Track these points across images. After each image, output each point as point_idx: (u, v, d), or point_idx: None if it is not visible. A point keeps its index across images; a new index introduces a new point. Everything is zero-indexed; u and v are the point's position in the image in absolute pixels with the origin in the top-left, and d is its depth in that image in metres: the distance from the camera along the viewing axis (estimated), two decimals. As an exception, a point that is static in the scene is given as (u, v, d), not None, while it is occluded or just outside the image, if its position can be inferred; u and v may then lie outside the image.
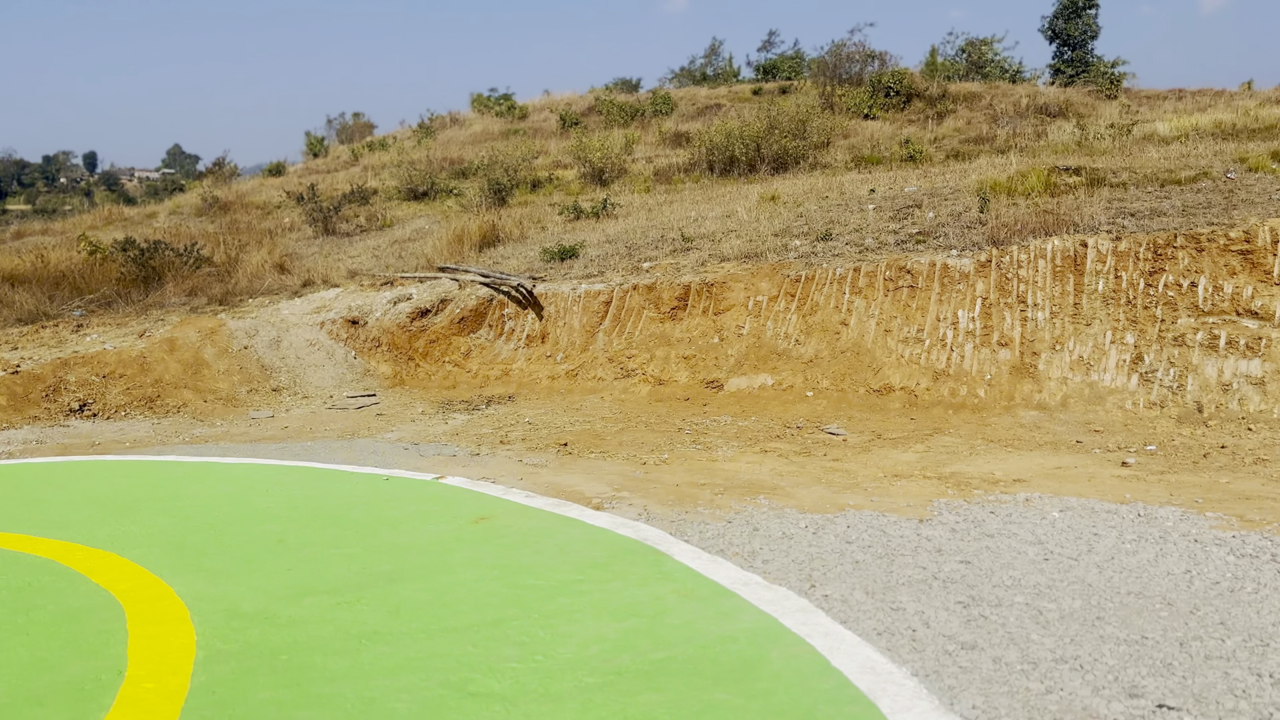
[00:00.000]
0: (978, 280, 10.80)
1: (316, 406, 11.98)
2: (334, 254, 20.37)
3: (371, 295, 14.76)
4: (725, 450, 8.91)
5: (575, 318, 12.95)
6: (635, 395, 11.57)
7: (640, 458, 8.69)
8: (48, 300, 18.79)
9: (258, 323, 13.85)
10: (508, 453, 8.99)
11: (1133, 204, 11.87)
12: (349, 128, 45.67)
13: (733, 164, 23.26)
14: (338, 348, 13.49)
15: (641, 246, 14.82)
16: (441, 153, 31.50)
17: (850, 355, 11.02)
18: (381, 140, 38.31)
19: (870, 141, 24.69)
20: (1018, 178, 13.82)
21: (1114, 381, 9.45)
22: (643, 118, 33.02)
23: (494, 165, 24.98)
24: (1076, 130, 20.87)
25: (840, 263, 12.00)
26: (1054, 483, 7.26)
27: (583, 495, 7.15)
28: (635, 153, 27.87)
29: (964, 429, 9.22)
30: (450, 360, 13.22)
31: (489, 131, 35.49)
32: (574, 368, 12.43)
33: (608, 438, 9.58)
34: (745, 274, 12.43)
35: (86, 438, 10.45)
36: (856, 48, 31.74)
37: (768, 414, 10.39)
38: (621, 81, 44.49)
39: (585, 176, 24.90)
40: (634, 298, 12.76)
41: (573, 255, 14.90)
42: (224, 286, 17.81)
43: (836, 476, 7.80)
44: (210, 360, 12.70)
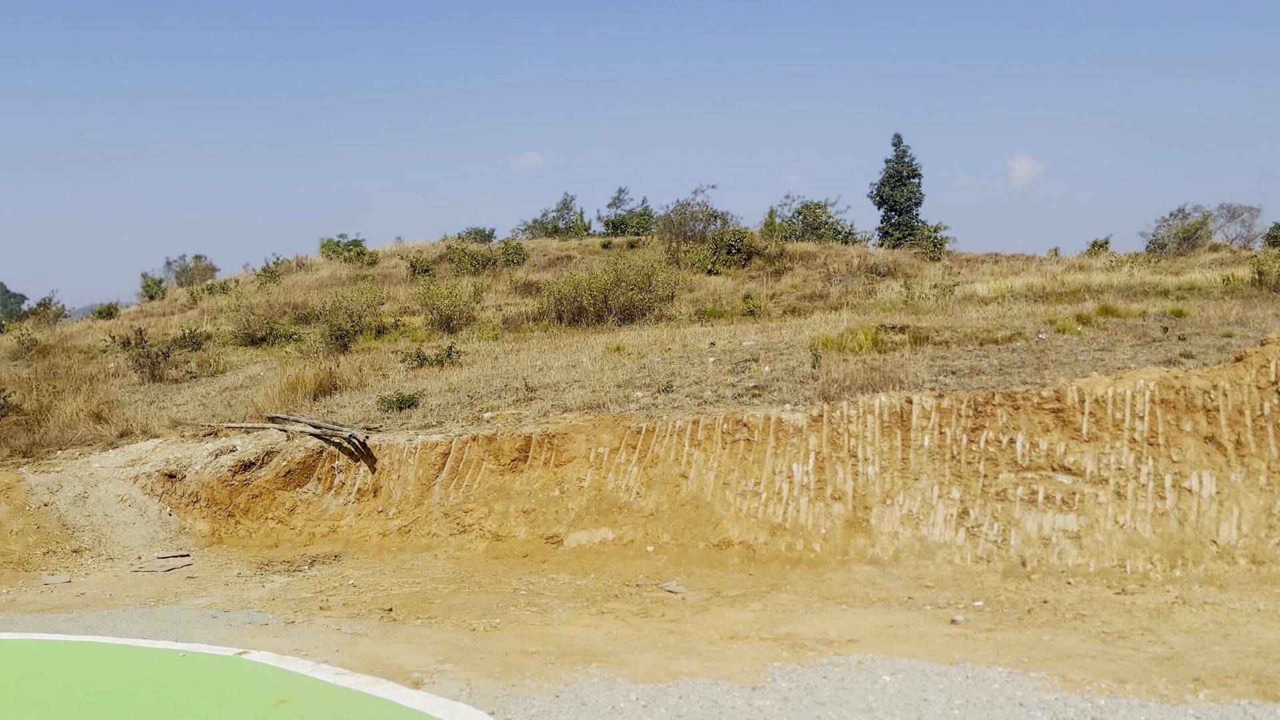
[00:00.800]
0: (811, 435, 10.99)
1: (122, 569, 11.03)
2: (159, 402, 19.30)
3: (193, 447, 13.93)
4: (561, 612, 8.57)
5: (411, 470, 12.50)
6: (471, 552, 11.12)
7: (470, 623, 8.25)
8: None
9: (63, 477, 12.82)
10: (326, 620, 8.39)
11: (954, 362, 12.45)
12: (189, 270, 44.32)
13: (581, 314, 23.53)
14: (151, 504, 12.57)
15: (484, 396, 14.59)
16: (285, 297, 30.79)
17: (690, 508, 10.94)
18: (223, 283, 37.25)
19: (713, 296, 25.48)
20: (848, 335, 14.38)
21: (943, 536, 9.64)
22: (494, 267, 33.29)
23: (338, 310, 24.50)
24: (903, 289, 22.09)
25: (680, 415, 12.06)
26: (886, 642, 7.22)
27: (401, 669, 6.67)
28: (485, 301, 27.92)
29: (800, 585, 9.18)
30: (274, 517, 12.48)
31: (337, 277, 35.02)
32: (407, 523, 11.91)
33: (437, 601, 9.10)
34: (588, 425, 12.32)
35: None
36: (700, 207, 33.14)
37: (608, 570, 10.12)
38: (474, 231, 45.00)
39: (432, 324, 24.69)
40: (473, 449, 12.44)
41: (412, 404, 14.52)
42: (31, 437, 16.53)
43: (672, 640, 7.56)
44: (3, 519, 11.60)
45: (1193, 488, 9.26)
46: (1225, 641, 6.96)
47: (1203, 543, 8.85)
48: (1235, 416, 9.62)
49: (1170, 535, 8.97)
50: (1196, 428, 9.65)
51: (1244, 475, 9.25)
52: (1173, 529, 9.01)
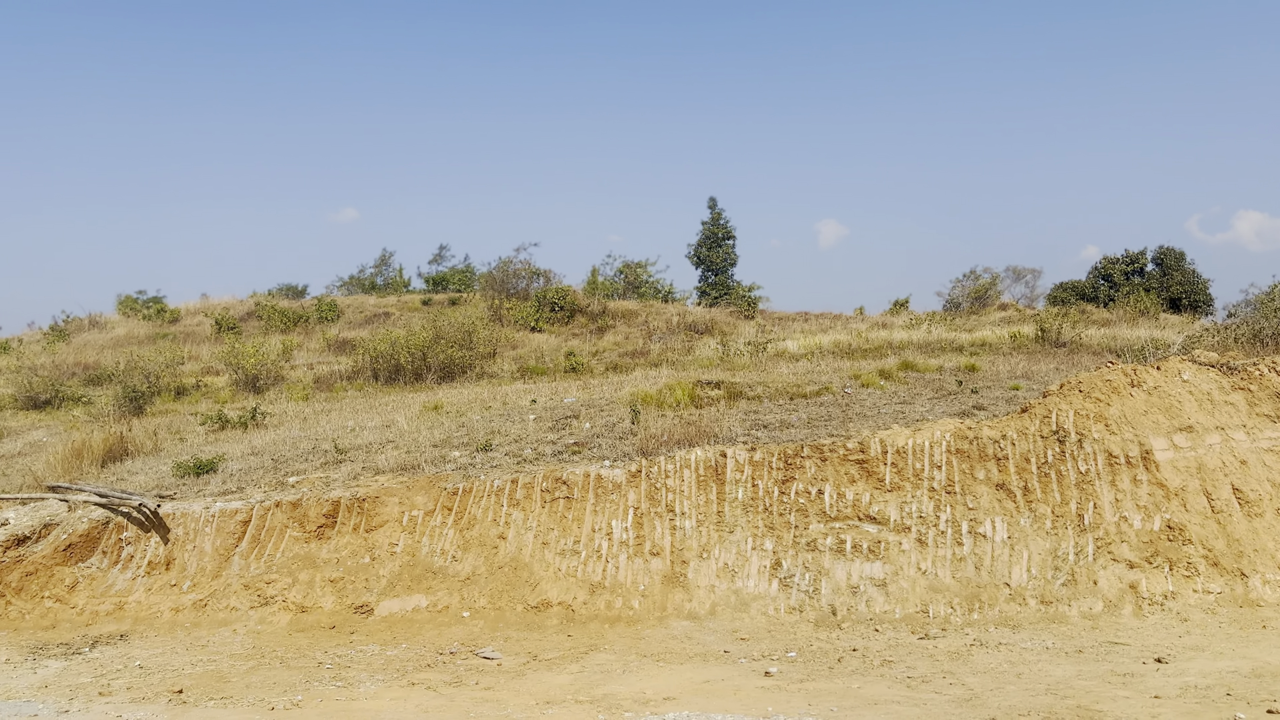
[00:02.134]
0: (630, 490, 10.99)
1: None
2: (-80, 472, 17.46)
3: (-42, 521, 12.61)
4: (369, 685, 8.15)
5: (207, 540, 11.71)
6: (274, 626, 10.47)
7: (269, 701, 7.72)
8: None
9: None
10: (106, 706, 7.68)
11: (766, 415, 12.78)
12: (-37, 328, 40.66)
13: (399, 372, 22.96)
14: (-96, 587, 11.26)
15: (290, 459, 13.92)
16: (75, 357, 28.71)
17: (508, 570, 10.69)
18: (4, 343, 34.38)
19: (536, 353, 25.41)
20: (666, 390, 14.56)
21: (757, 587, 9.78)
22: (307, 324, 32.13)
23: (133, 371, 22.98)
24: (720, 346, 22.66)
25: (499, 474, 11.84)
26: (702, 699, 7.20)
27: (187, 758, 6.14)
28: (296, 359, 26.87)
29: (619, 644, 9.08)
30: (51, 595, 11.40)
31: (134, 335, 32.99)
32: (203, 597, 11.12)
33: (233, 679, 8.49)
34: (401, 487, 11.91)
35: None
36: (523, 264, 33.17)
37: (421, 639, 9.73)
38: (286, 287, 43.41)
39: (238, 384, 23.50)
40: (277, 515, 11.79)
41: (211, 470, 13.68)
42: None
43: (487, 709, 7.30)
44: None
45: (986, 533, 9.76)
46: (1018, 680, 7.30)
47: (997, 585, 9.32)
48: (1022, 464, 10.24)
49: (968, 580, 9.40)
50: (989, 475, 10.21)
51: (1031, 520, 9.83)
52: (970, 573, 9.45)
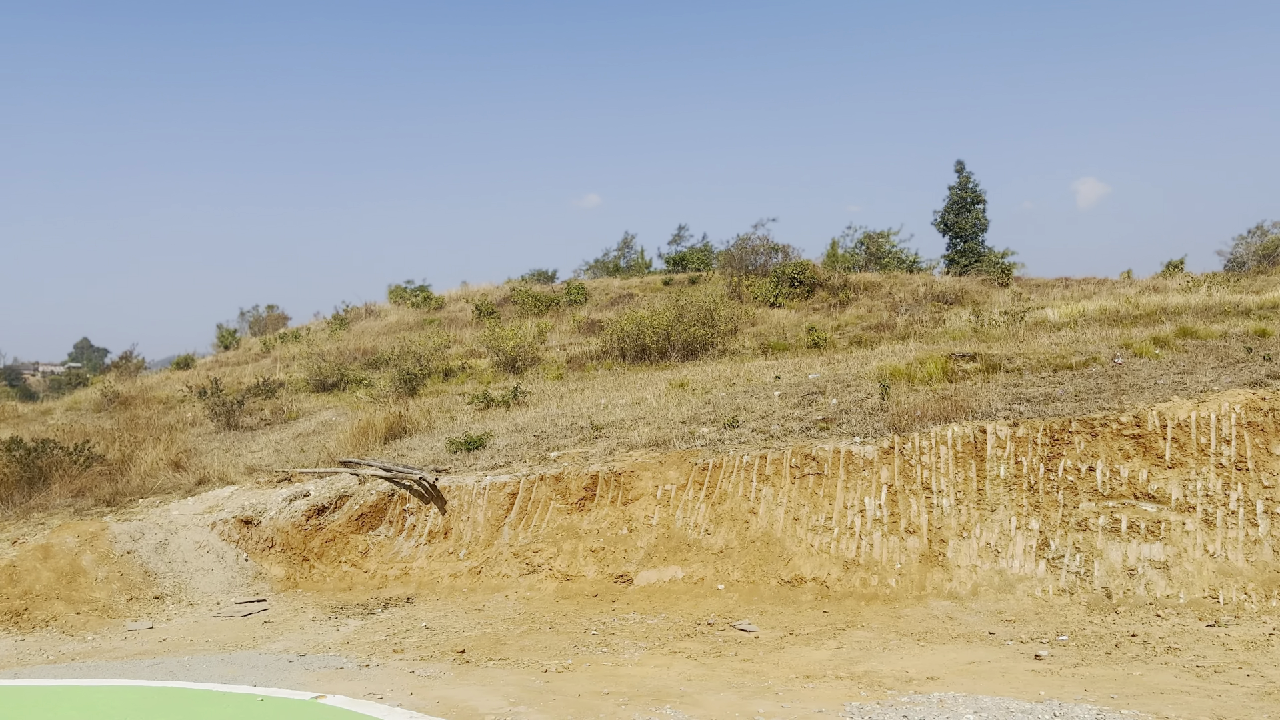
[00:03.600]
0: (882, 467, 10.81)
1: (201, 615, 11.23)
2: (235, 449, 19.73)
3: (268, 493, 14.19)
4: (633, 653, 8.49)
5: (480, 511, 12.56)
6: (541, 592, 11.11)
7: (542, 664, 8.21)
8: (-80, 504, 17.65)
9: (144, 525, 13.13)
10: (400, 663, 8.43)
11: (1028, 389, 12.18)
12: (262, 320, 45.41)
13: (644, 351, 23.56)
14: (229, 549, 12.80)
15: (550, 435, 14.64)
16: (354, 344, 31.37)
17: (760, 545, 10.80)
18: (295, 332, 38.09)
19: (776, 329, 25.34)
20: (917, 364, 14.15)
21: (1022, 568, 9.38)
22: (557, 307, 33.55)
23: (406, 355, 24.87)
24: (972, 317, 21.72)
25: (747, 450, 11.96)
26: (968, 680, 7.01)
27: (475, 712, 6.65)
28: (549, 341, 28.13)
29: (876, 622, 8.98)
30: (347, 560, 12.62)
31: (404, 322, 35.62)
32: (477, 564, 11.95)
33: (509, 642, 9.09)
34: (654, 462, 12.28)
35: (-64, 660, 9.54)
36: (760, 240, 33.08)
37: (678, 609, 10.02)
38: (537, 273, 45.46)
39: (498, 365, 24.92)
40: (541, 489, 12.47)
41: (480, 446, 14.63)
42: (114, 486, 16.99)
43: (747, 679, 7.44)
44: (88, 567, 11.90)
45: (1286, 513, 8.89)
46: (1330, 675, 6.64)
47: (1300, 571, 8.48)
48: (1328, 438, 9.24)
49: (1264, 564, 8.61)
50: (1287, 451, 9.28)
51: (1341, 499, 8.86)
52: (1266, 557, 8.64)
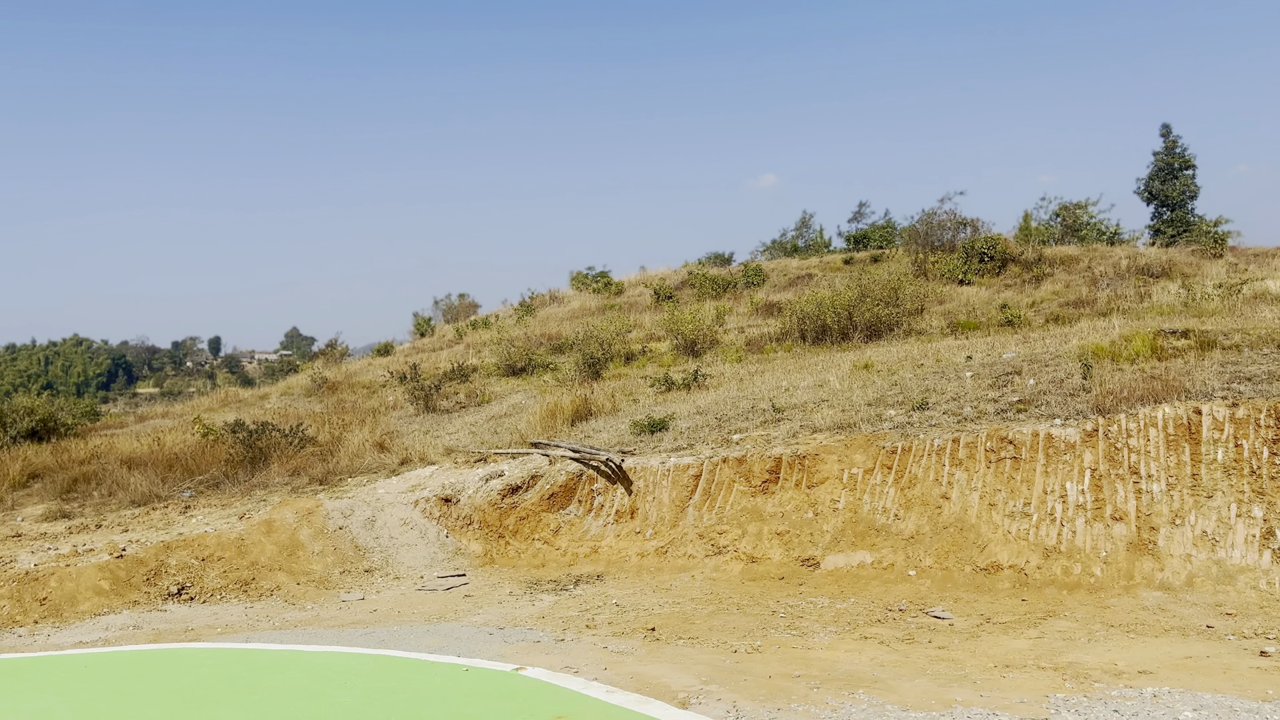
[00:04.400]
0: (1085, 451, 10.28)
1: (407, 588, 11.89)
2: (433, 431, 20.74)
3: (465, 472, 14.85)
4: (822, 636, 8.43)
5: (665, 492, 12.74)
6: (727, 574, 11.17)
7: (731, 644, 8.27)
8: (160, 482, 19.45)
9: (354, 502, 14.00)
10: (593, 638, 8.67)
11: (1248, 367, 11.29)
12: (454, 307, 47.48)
13: (825, 332, 23.23)
14: (430, 526, 13.49)
15: (732, 418, 14.67)
16: (540, 329, 32.33)
17: (953, 531, 10.49)
18: (484, 319, 39.62)
19: (966, 307, 24.45)
20: (1121, 342, 13.36)
21: (1244, 559, 8.73)
22: (735, 290, 33.50)
23: (589, 340, 25.45)
24: (1182, 291, 20.30)
25: (938, 433, 11.62)
26: (1185, 675, 6.60)
27: (668, 689, 6.77)
28: (727, 323, 28.14)
29: (1080, 612, 8.57)
30: (539, 538, 13.07)
31: (586, 307, 36.42)
32: (663, 544, 12.13)
33: (697, 621, 9.19)
34: (839, 445, 12.12)
35: (181, 623, 10.51)
36: (948, 215, 31.95)
37: (867, 594, 9.88)
38: (714, 255, 45.54)
39: (677, 348, 25.13)
40: (724, 470, 12.52)
41: (663, 428, 14.82)
42: (325, 466, 18.19)
43: (942, 667, 7.25)
44: (306, 541, 12.80)
45: None
46: None
47: None
48: None
49: None
50: None
51: None
52: None
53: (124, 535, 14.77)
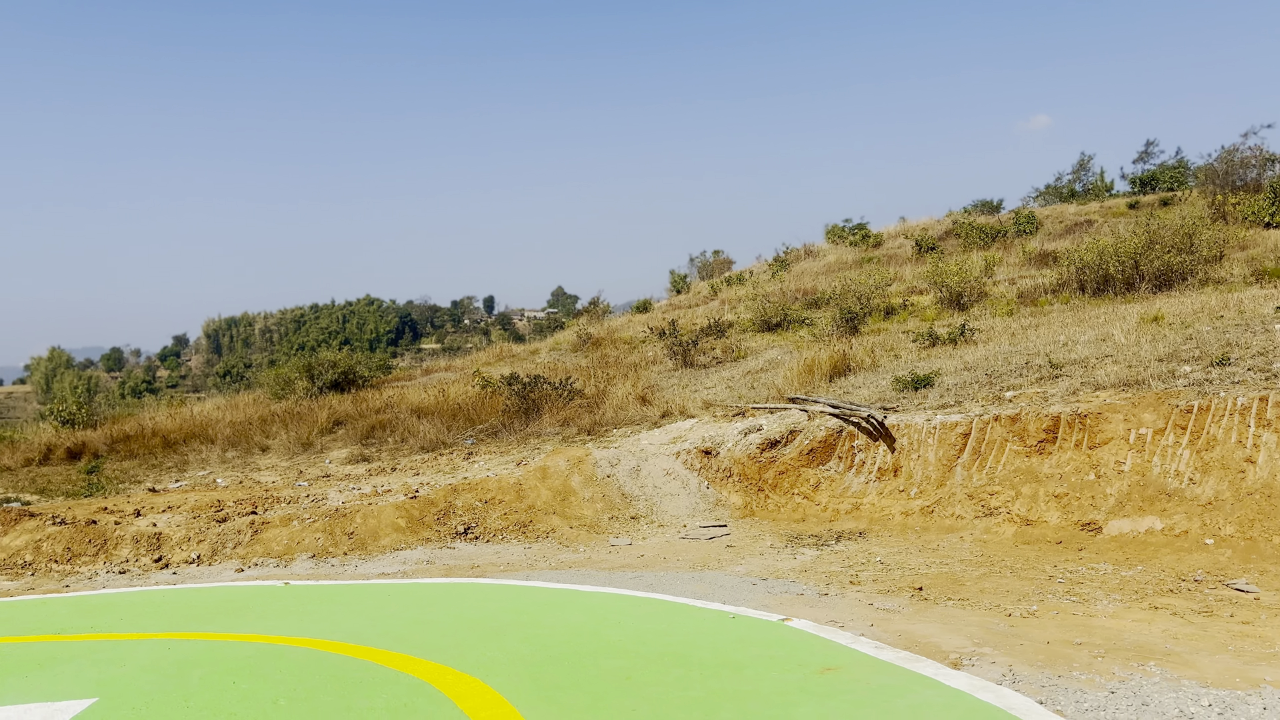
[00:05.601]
0: None
1: (671, 535, 12.26)
2: (691, 385, 21.16)
3: (724, 426, 15.06)
4: (1105, 604, 7.95)
5: (930, 450, 12.36)
6: (998, 536, 10.73)
7: (1004, 608, 7.96)
8: (446, 430, 21.05)
9: (620, 452, 14.56)
10: (857, 594, 8.61)
11: None
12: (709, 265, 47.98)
13: (1107, 283, 21.59)
14: (692, 477, 13.82)
15: (1003, 374, 13.99)
16: (795, 284, 32.09)
17: (1260, 498, 9.54)
18: (739, 275, 39.80)
19: (1274, 253, 21.95)
20: None
21: None
22: (1004, 239, 31.76)
23: (846, 294, 24.99)
24: None
25: (1242, 391, 10.56)
26: None
27: (938, 649, 6.63)
28: (996, 275, 26.76)
29: None
30: (799, 492, 13.07)
31: (842, 261, 35.75)
32: (929, 504, 11.80)
33: (967, 583, 8.91)
34: (1125, 404, 11.28)
35: (468, 560, 11.38)
36: (1252, 152, 28.69)
37: (1156, 563, 9.19)
38: (981, 203, 43.28)
39: (941, 302, 24.19)
40: (995, 429, 11.98)
41: (927, 384, 14.35)
42: (592, 417, 19.02)
43: (1248, 644, 6.65)
44: (577, 488, 13.47)
45: None
46: None
47: None
48: None
49: None
50: None
51: None
52: None
53: (416, 478, 16.13)
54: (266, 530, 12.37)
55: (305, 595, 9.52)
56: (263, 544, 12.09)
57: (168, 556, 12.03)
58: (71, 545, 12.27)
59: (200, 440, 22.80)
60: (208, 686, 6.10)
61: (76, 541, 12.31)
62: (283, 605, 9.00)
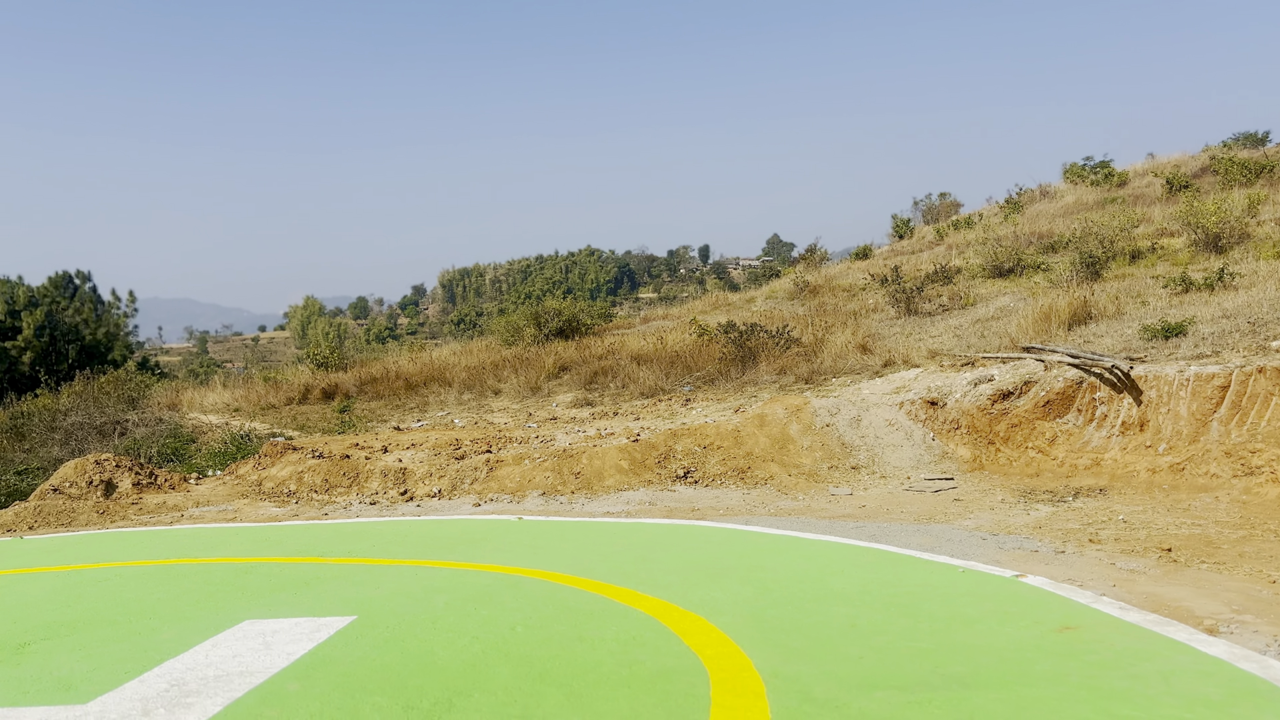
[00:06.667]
0: None
1: (893, 487, 12.01)
2: (914, 334, 20.50)
3: (951, 376, 14.52)
4: (1393, 577, 7.14)
5: (1182, 404, 11.45)
6: (1261, 497, 9.84)
7: (1268, 574, 7.31)
8: (664, 376, 21.41)
9: (839, 401, 14.34)
10: (1097, 553, 8.13)
11: None
12: (934, 208, 46.07)
13: (1399, 220, 19.14)
14: (915, 428, 13.44)
15: (1269, 322, 12.73)
16: (1029, 227, 30.34)
17: None
18: (967, 218, 38.03)
19: None
20: None
21: None
22: (1271, 175, 28.72)
23: (1087, 237, 23.39)
24: None
25: None
26: None
27: (1191, 614, 6.17)
28: (1261, 214, 24.28)
29: None
30: (1033, 446, 12.44)
31: (1082, 202, 33.47)
32: (1179, 461, 10.96)
33: (1223, 546, 8.23)
34: None
35: (688, 503, 11.58)
36: None
37: None
38: (1244, 136, 39.27)
39: (1196, 244, 22.23)
40: (1260, 382, 10.94)
41: (1179, 333, 13.27)
42: (810, 366, 18.81)
43: None
44: (795, 436, 13.40)
45: None
46: None
47: None
48: None
49: None
50: None
51: None
52: None
53: (636, 422, 16.53)
54: (500, 468, 13.04)
55: (537, 530, 10.00)
56: (497, 481, 12.77)
57: (412, 490, 12.92)
58: (329, 477, 13.40)
59: (438, 383, 24.27)
60: (452, 610, 6.53)
61: (333, 474, 13.43)
62: (516, 538, 9.50)
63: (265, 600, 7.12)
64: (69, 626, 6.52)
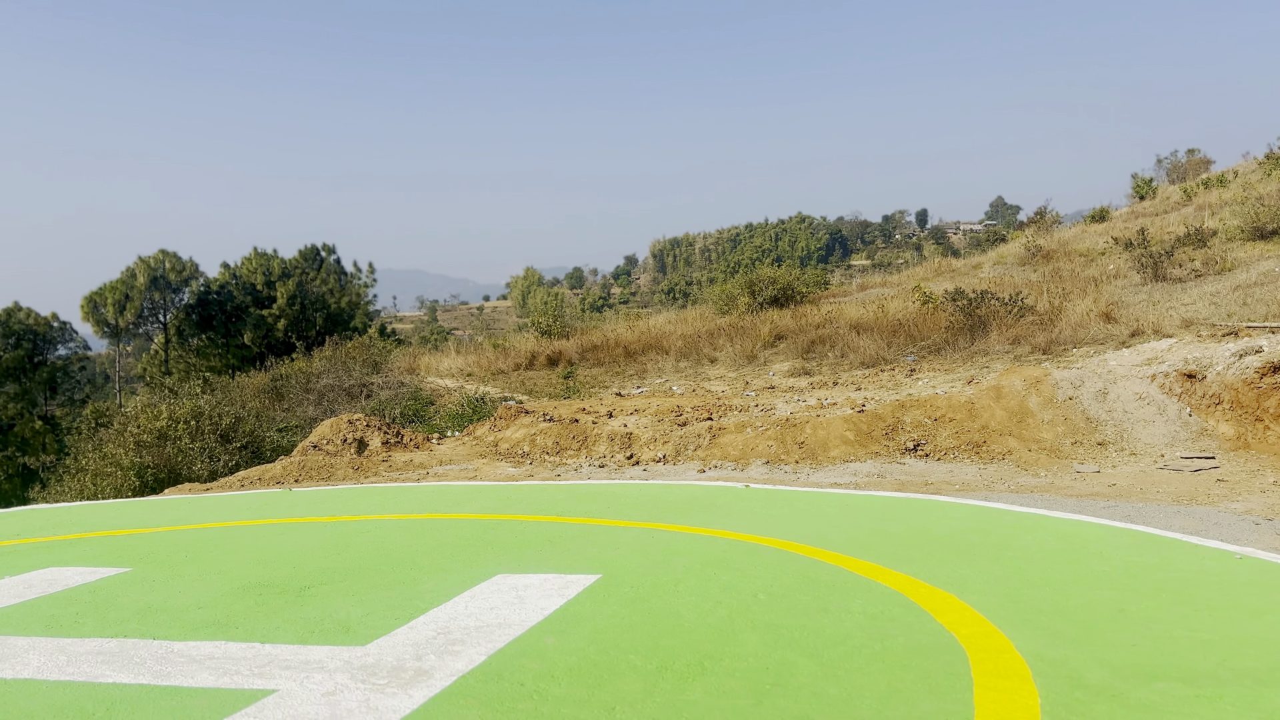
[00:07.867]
0: None
1: (1145, 465, 11.20)
2: (1164, 301, 19.00)
3: (1210, 347, 13.36)
4: None
5: None
6: None
7: None
8: (885, 346, 20.85)
9: (1083, 373, 13.49)
10: (1401, 546, 7.27)
11: None
12: (1181, 166, 42.47)
13: None
14: (1169, 403, 12.46)
15: None
16: (1297, 183, 27.42)
17: None
18: (1220, 176, 34.84)
19: None
20: None
21: None
22: None
23: (1371, 193, 20.89)
24: None
25: None
26: None
27: None
28: None
29: None
30: (1313, 425, 11.27)
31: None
32: None
33: None
34: None
35: (920, 476, 11.22)
36: None
37: None
38: None
39: None
40: None
41: None
42: (1046, 335, 17.80)
43: None
44: (1034, 410, 12.71)
45: None
46: None
47: None
48: None
49: None
50: None
51: None
52: None
53: (858, 393, 16.17)
54: (723, 435, 13.09)
55: (766, 498, 9.96)
56: (720, 448, 12.82)
57: (638, 454, 13.18)
58: (559, 440, 13.86)
59: (655, 351, 24.65)
60: (692, 574, 6.59)
61: (563, 437, 13.89)
62: (746, 506, 9.49)
63: (514, 556, 7.43)
64: (341, 573, 7.03)
